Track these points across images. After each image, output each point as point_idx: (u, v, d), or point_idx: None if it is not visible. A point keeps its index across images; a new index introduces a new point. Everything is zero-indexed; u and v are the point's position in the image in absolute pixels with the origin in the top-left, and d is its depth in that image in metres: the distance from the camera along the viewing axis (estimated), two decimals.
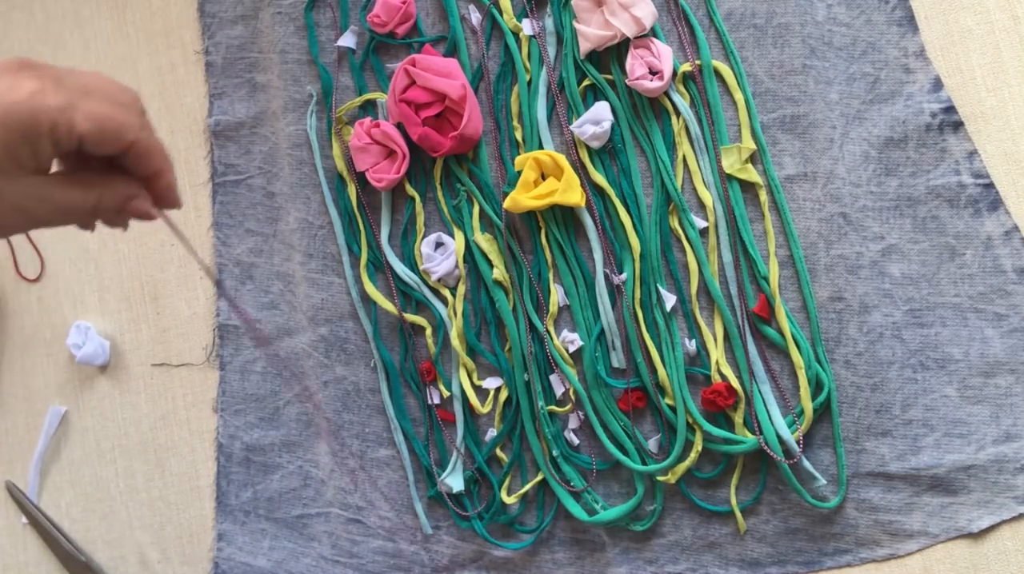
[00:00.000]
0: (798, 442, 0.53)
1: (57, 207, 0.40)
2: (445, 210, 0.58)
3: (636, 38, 0.55)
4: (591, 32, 0.54)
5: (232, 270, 0.62)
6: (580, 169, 0.56)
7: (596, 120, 0.55)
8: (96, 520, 0.64)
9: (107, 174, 0.42)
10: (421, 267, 0.58)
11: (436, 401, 0.58)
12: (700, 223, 0.54)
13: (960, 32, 0.53)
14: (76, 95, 0.39)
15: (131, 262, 0.65)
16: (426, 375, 0.58)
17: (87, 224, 0.42)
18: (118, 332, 0.64)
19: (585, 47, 0.55)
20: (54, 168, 0.41)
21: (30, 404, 0.65)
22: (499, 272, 0.57)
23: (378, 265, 0.59)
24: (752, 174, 0.54)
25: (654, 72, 0.54)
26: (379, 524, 0.59)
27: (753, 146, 0.54)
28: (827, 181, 0.53)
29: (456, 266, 0.57)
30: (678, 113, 0.55)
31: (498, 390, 0.58)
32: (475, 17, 0.58)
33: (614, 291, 0.55)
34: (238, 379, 0.61)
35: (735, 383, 0.53)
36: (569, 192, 0.54)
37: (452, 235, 0.58)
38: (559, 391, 0.56)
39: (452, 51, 0.58)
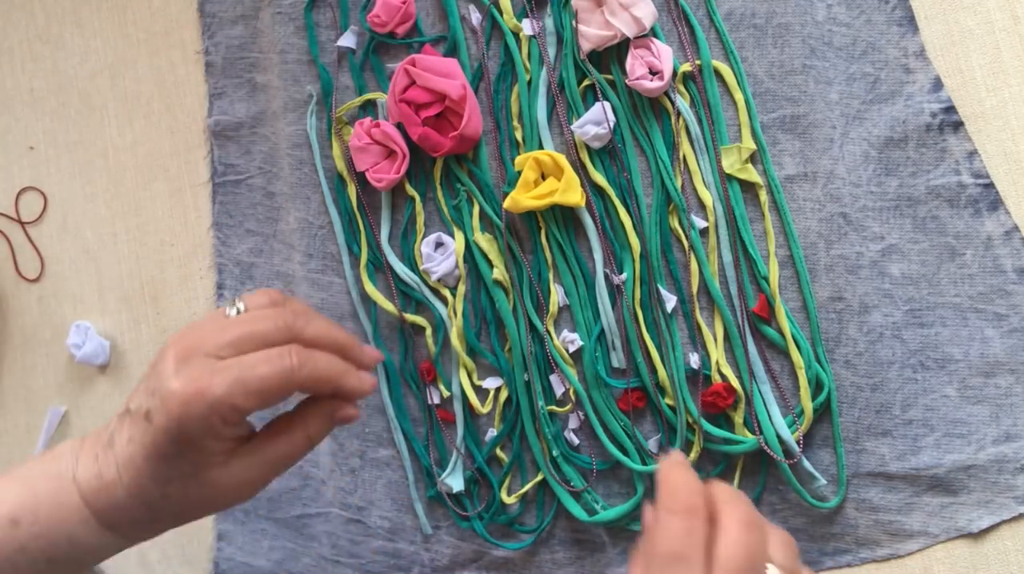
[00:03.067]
0: (798, 442, 0.53)
1: (274, 464, 0.42)
2: (445, 210, 0.58)
3: (636, 38, 0.55)
4: (591, 32, 0.54)
5: (232, 270, 0.62)
6: (580, 169, 0.56)
7: (597, 120, 0.55)
8: None
9: (301, 408, 0.44)
10: (421, 267, 0.58)
11: (436, 401, 0.58)
12: (700, 223, 0.54)
13: (960, 32, 0.53)
14: (232, 373, 0.39)
15: (131, 262, 0.65)
16: (426, 375, 0.58)
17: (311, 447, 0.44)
18: (118, 332, 0.64)
19: (585, 47, 0.55)
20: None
21: (30, 404, 0.65)
22: (499, 272, 0.57)
23: (378, 265, 0.59)
24: (752, 174, 0.54)
25: (654, 72, 0.54)
26: (379, 524, 0.59)
27: (753, 146, 0.54)
28: (827, 181, 0.53)
29: (456, 266, 0.57)
30: (678, 113, 0.55)
31: (498, 390, 0.58)
32: (475, 17, 0.58)
33: (614, 291, 0.55)
34: None
35: (735, 383, 0.53)
36: (569, 192, 0.54)
37: (452, 235, 0.58)
38: (559, 391, 0.56)
39: (452, 51, 0.58)
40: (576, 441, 0.57)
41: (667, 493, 0.36)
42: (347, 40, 0.60)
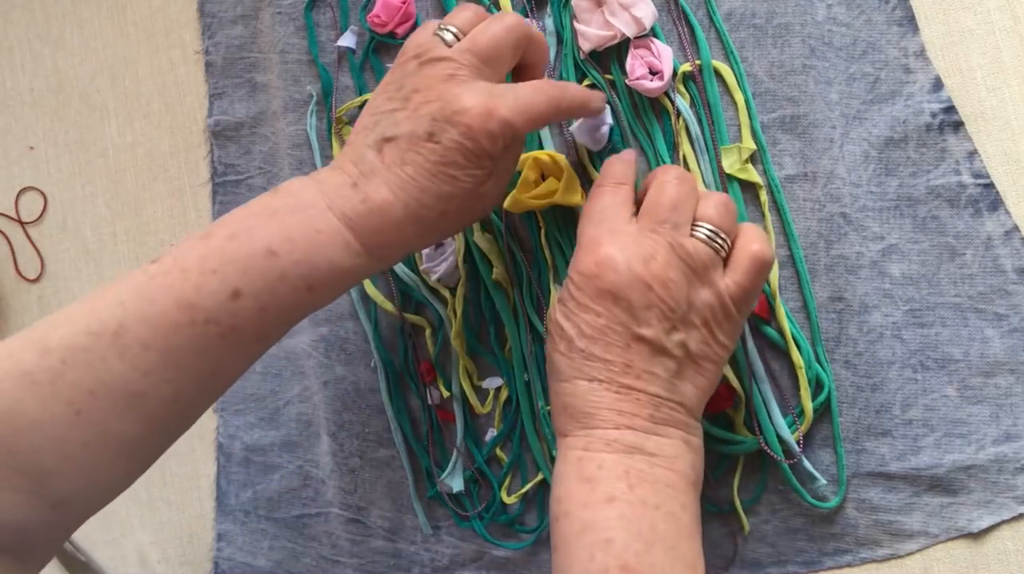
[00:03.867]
0: (798, 442, 0.53)
1: (509, 176, 0.49)
2: None
3: (636, 38, 0.55)
4: (591, 32, 0.54)
5: None
6: (580, 169, 0.56)
7: (595, 125, 0.54)
8: (96, 520, 0.63)
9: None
10: (421, 267, 0.58)
11: (436, 401, 0.58)
12: None
13: (960, 32, 0.53)
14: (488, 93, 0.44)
15: (131, 262, 0.65)
16: (426, 375, 0.58)
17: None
18: None
19: (585, 47, 0.55)
20: None
21: None
22: (499, 272, 0.56)
23: None
24: (752, 174, 0.54)
25: (654, 72, 0.54)
26: (379, 524, 0.59)
27: (753, 146, 0.54)
28: (827, 181, 0.53)
29: (456, 266, 0.57)
30: (678, 113, 0.55)
31: (498, 390, 0.58)
32: None
33: None
34: (238, 379, 0.61)
35: (735, 383, 0.53)
36: (569, 192, 0.54)
37: (452, 235, 0.58)
38: None
39: None
40: None
41: (603, 174, 0.49)
42: (347, 40, 0.60)
